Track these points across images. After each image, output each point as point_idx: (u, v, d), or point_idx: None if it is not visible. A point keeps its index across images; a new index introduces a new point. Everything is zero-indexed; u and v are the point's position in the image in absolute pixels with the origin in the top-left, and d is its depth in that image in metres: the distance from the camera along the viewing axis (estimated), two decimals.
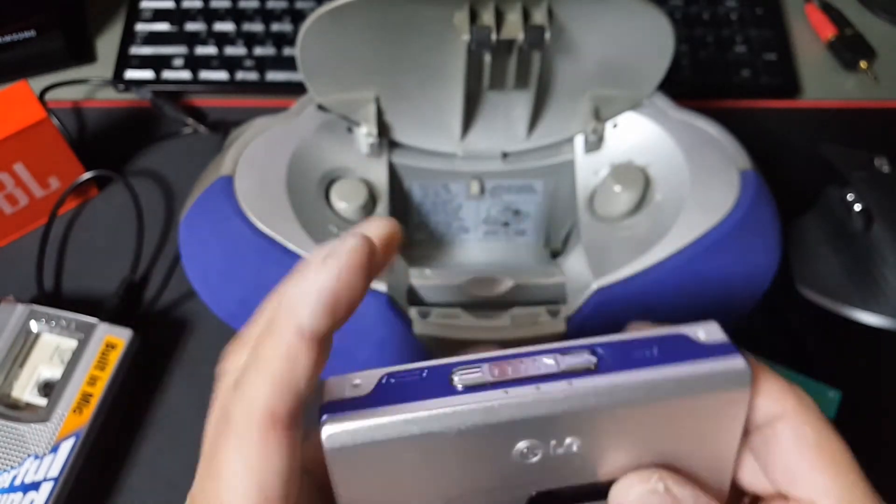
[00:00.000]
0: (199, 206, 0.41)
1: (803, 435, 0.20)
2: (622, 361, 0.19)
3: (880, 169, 0.46)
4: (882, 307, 0.44)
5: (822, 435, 0.20)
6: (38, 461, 0.38)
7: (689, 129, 0.43)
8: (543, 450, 0.19)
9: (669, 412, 0.19)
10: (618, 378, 0.19)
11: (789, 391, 0.21)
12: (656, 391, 0.19)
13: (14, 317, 0.42)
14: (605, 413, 0.19)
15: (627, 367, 0.19)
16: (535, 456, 0.19)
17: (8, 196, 0.47)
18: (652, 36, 0.40)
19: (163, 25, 0.57)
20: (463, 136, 0.44)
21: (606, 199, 0.43)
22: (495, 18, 0.38)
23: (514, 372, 0.19)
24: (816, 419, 0.21)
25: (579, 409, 0.19)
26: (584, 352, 0.19)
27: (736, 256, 0.40)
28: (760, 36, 0.57)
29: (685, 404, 0.19)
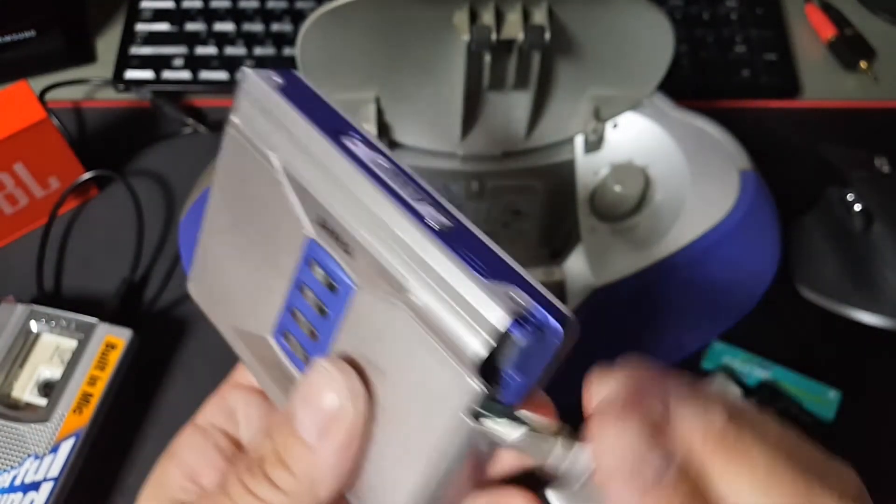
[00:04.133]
0: (199, 206, 0.41)
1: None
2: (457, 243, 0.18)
3: (880, 169, 0.46)
4: (882, 307, 0.44)
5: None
6: (38, 461, 0.38)
7: (689, 129, 0.43)
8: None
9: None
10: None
11: (623, 450, 0.17)
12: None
13: (14, 317, 0.42)
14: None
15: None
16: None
17: (8, 196, 0.47)
18: (652, 36, 0.40)
19: (163, 25, 0.57)
20: (463, 136, 0.44)
21: (606, 199, 0.43)
22: (495, 18, 0.38)
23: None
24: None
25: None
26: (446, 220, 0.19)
27: (736, 256, 0.40)
28: (760, 36, 0.57)
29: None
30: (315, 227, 0.20)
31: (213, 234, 0.24)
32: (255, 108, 0.21)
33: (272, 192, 0.21)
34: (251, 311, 0.23)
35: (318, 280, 0.20)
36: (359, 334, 0.20)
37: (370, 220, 0.19)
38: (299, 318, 0.21)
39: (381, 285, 0.19)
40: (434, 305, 0.18)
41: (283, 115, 0.21)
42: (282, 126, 0.21)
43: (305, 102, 0.21)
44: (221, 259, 0.24)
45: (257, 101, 0.21)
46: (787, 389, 0.42)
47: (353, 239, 0.19)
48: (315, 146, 0.20)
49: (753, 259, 0.41)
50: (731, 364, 0.42)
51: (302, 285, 0.21)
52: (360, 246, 0.19)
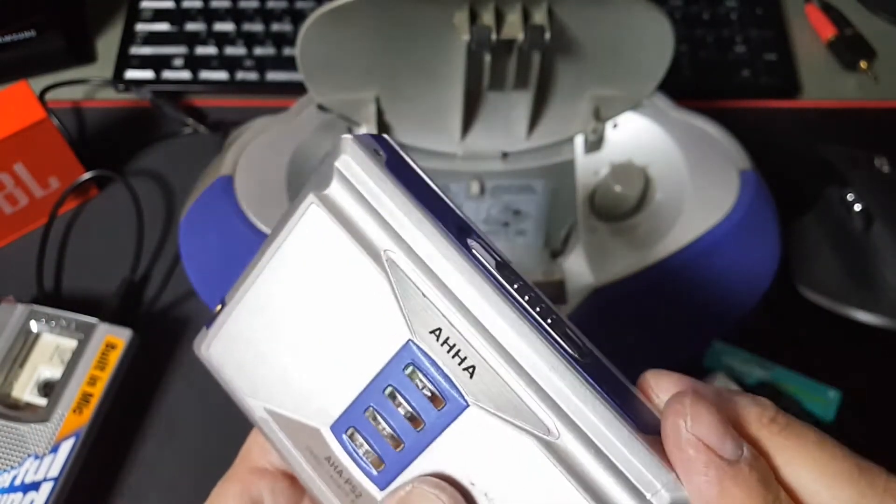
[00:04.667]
0: (199, 206, 0.41)
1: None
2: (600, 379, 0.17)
3: (880, 169, 0.46)
4: (882, 307, 0.44)
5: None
6: (38, 461, 0.38)
7: (689, 129, 0.43)
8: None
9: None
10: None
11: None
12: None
13: (14, 317, 0.42)
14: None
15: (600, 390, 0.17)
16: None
17: (8, 196, 0.47)
18: (652, 36, 0.40)
19: (163, 25, 0.57)
20: (463, 136, 0.44)
21: (606, 199, 0.43)
22: (495, 18, 0.38)
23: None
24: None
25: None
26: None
27: (736, 256, 0.40)
28: (760, 36, 0.57)
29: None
30: (423, 333, 0.18)
31: (258, 307, 0.20)
32: (358, 188, 0.18)
33: (365, 286, 0.19)
34: (302, 400, 0.21)
35: (416, 388, 0.18)
36: (462, 454, 0.18)
37: (508, 345, 0.17)
38: (379, 422, 0.19)
39: (511, 416, 0.17)
40: (583, 455, 0.17)
41: (396, 203, 0.18)
42: (394, 216, 0.18)
43: (413, 185, 0.18)
44: (265, 336, 0.21)
45: (362, 182, 0.18)
46: (787, 389, 0.42)
47: (480, 361, 0.17)
48: (439, 250, 0.18)
49: (753, 259, 0.41)
50: (731, 364, 0.42)
51: (391, 389, 0.19)
52: (491, 371, 0.17)
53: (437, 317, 0.18)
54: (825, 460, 0.17)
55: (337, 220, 0.18)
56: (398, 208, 0.18)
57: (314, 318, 0.20)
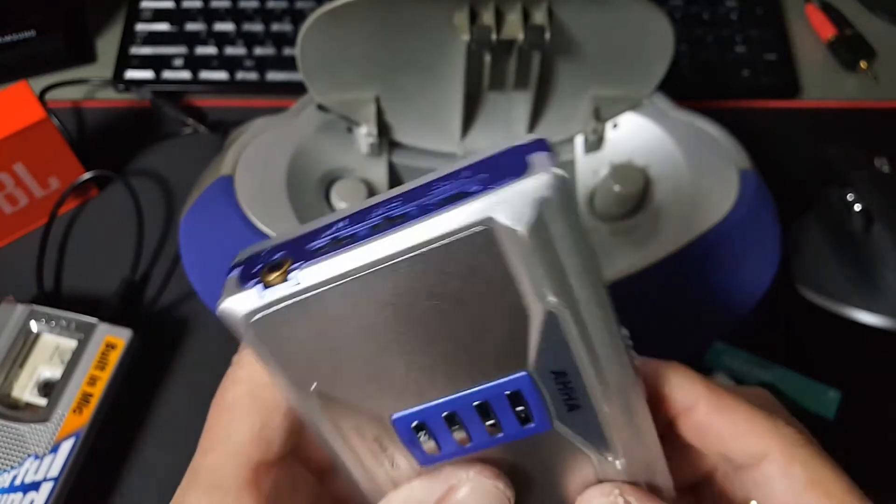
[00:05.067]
0: (199, 206, 0.41)
1: (792, 475, 0.19)
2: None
3: (880, 169, 0.46)
4: (882, 307, 0.44)
5: (813, 471, 0.19)
6: (38, 461, 0.38)
7: (689, 129, 0.43)
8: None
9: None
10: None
11: (772, 428, 0.20)
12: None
13: (14, 317, 0.42)
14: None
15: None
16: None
17: (8, 196, 0.47)
18: (652, 36, 0.40)
19: (163, 25, 0.57)
20: (463, 136, 0.44)
21: (606, 199, 0.43)
22: (495, 18, 0.38)
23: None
24: (805, 454, 0.20)
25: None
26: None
27: (735, 256, 0.40)
28: (760, 36, 0.57)
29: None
30: (545, 372, 0.19)
31: (356, 295, 0.18)
32: (552, 233, 0.17)
33: (507, 316, 0.18)
34: (371, 392, 0.20)
35: (510, 409, 0.19)
36: (522, 457, 0.20)
37: (623, 406, 0.19)
38: (456, 426, 0.20)
39: (586, 447, 0.20)
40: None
41: (583, 265, 0.18)
42: (577, 276, 0.18)
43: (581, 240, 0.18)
44: (351, 327, 0.19)
45: (560, 233, 0.17)
46: (787, 389, 0.42)
47: (590, 407, 0.19)
48: (600, 325, 0.19)
49: (753, 259, 0.41)
50: (731, 364, 0.42)
51: (485, 404, 0.19)
52: (595, 416, 0.19)
53: (571, 367, 0.19)
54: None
55: (512, 253, 0.17)
56: (584, 270, 0.18)
57: (425, 324, 0.18)
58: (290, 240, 0.19)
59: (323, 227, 0.18)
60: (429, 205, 0.17)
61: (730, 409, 0.20)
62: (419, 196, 0.17)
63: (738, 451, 0.20)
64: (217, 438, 0.20)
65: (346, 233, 0.18)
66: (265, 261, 0.18)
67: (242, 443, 0.20)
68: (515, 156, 0.17)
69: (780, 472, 0.20)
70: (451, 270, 0.17)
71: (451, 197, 0.17)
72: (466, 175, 0.17)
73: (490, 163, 0.18)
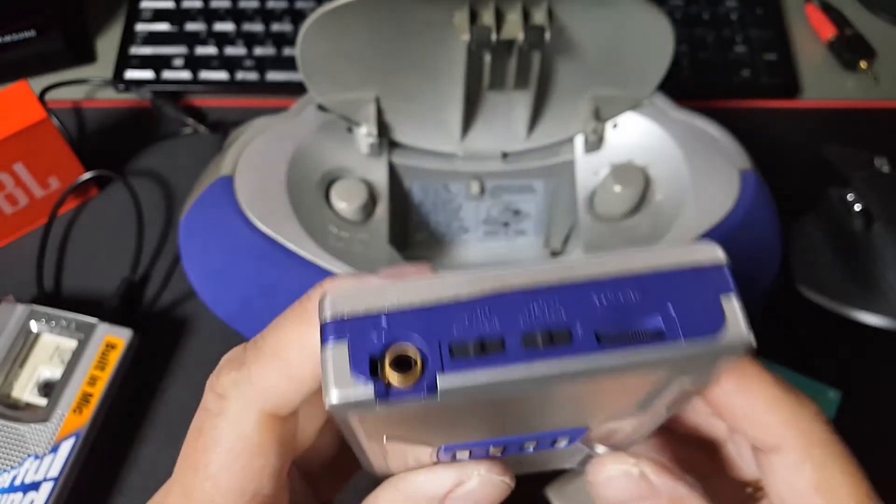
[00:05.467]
0: (199, 206, 0.41)
1: (802, 474, 0.19)
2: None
3: (880, 169, 0.46)
4: (882, 307, 0.44)
5: (826, 475, 0.19)
6: (38, 461, 0.38)
7: (689, 129, 0.43)
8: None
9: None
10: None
11: (792, 422, 0.19)
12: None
13: (14, 317, 0.42)
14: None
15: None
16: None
17: (8, 196, 0.47)
18: (652, 36, 0.40)
19: (163, 25, 0.57)
20: (463, 136, 0.44)
21: (606, 199, 0.43)
22: (495, 18, 0.38)
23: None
24: (822, 455, 0.19)
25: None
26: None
27: (736, 256, 0.40)
28: (760, 36, 0.57)
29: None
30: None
31: (488, 398, 0.16)
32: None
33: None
34: (441, 435, 0.18)
35: (553, 442, 0.20)
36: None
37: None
38: (500, 446, 0.19)
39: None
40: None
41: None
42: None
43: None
44: (461, 412, 0.17)
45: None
46: None
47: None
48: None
49: (753, 259, 0.41)
50: None
51: (534, 443, 0.20)
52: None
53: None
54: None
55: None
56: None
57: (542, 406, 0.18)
58: (415, 311, 0.15)
59: (454, 305, 0.15)
60: (604, 332, 0.15)
61: (752, 393, 0.19)
62: (580, 304, 0.15)
63: (752, 436, 0.19)
64: (207, 472, 0.18)
65: (491, 334, 0.15)
66: (385, 342, 0.15)
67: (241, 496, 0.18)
68: (703, 289, 0.16)
69: (789, 468, 0.19)
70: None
71: (633, 335, 0.15)
72: (638, 291, 0.16)
73: (672, 285, 0.16)
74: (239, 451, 0.18)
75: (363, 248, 0.41)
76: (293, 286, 0.39)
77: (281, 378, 0.17)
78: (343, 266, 0.39)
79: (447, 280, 0.16)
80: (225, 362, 0.19)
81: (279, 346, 0.18)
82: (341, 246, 0.41)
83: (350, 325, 0.15)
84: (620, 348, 0.15)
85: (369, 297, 0.15)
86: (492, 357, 0.15)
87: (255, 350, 0.18)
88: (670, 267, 0.16)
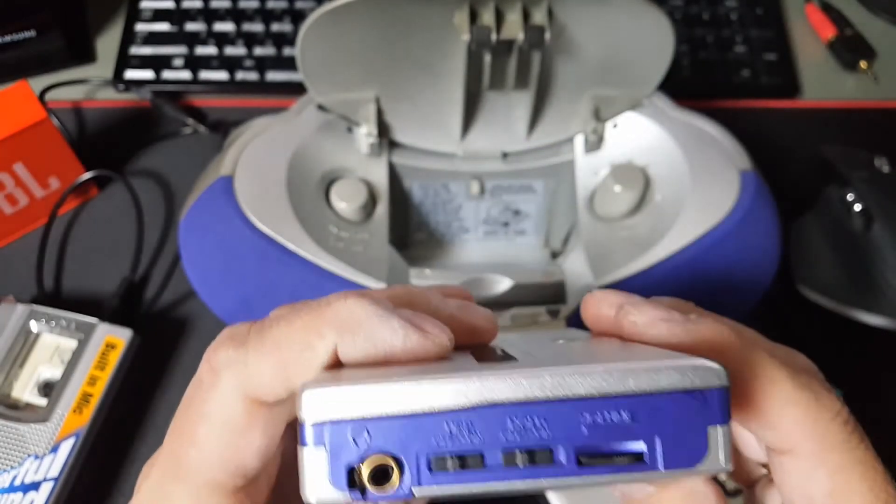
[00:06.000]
0: (199, 206, 0.41)
1: (816, 479, 0.18)
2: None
3: (880, 169, 0.46)
4: (882, 307, 0.44)
5: (842, 481, 0.18)
6: (38, 461, 0.38)
7: (689, 129, 0.43)
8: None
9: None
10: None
11: (808, 424, 0.18)
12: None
13: (14, 317, 0.42)
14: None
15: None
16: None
17: (8, 196, 0.47)
18: (652, 36, 0.40)
19: (163, 25, 0.57)
20: (463, 136, 0.44)
21: (606, 199, 0.43)
22: (495, 18, 0.38)
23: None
24: (839, 461, 0.18)
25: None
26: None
27: (736, 256, 0.40)
28: (760, 36, 0.57)
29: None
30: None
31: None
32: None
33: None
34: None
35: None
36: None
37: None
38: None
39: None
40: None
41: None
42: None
43: None
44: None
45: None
46: None
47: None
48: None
49: (753, 259, 0.41)
50: None
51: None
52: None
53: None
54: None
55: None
56: None
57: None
58: (396, 419, 0.15)
59: (437, 415, 0.15)
60: (585, 454, 0.15)
61: (762, 391, 0.18)
62: (565, 424, 0.15)
63: (763, 437, 0.18)
64: (194, 441, 0.19)
65: (471, 450, 0.15)
66: (364, 454, 0.15)
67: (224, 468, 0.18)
68: (693, 418, 0.15)
69: (802, 472, 0.18)
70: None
71: (614, 458, 0.15)
72: (628, 413, 0.15)
73: (663, 410, 0.15)
74: (225, 428, 0.18)
75: (363, 247, 0.41)
76: (293, 286, 0.39)
77: (275, 373, 0.17)
78: (343, 266, 0.39)
79: (433, 385, 0.15)
80: (226, 337, 0.19)
81: (282, 342, 0.18)
82: (341, 246, 0.41)
83: (330, 431, 0.15)
84: (600, 472, 0.15)
85: (352, 401, 0.15)
86: (471, 473, 0.15)
87: (258, 336, 0.18)
88: (665, 388, 0.15)
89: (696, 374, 0.15)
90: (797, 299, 0.46)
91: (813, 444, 0.18)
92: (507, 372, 0.15)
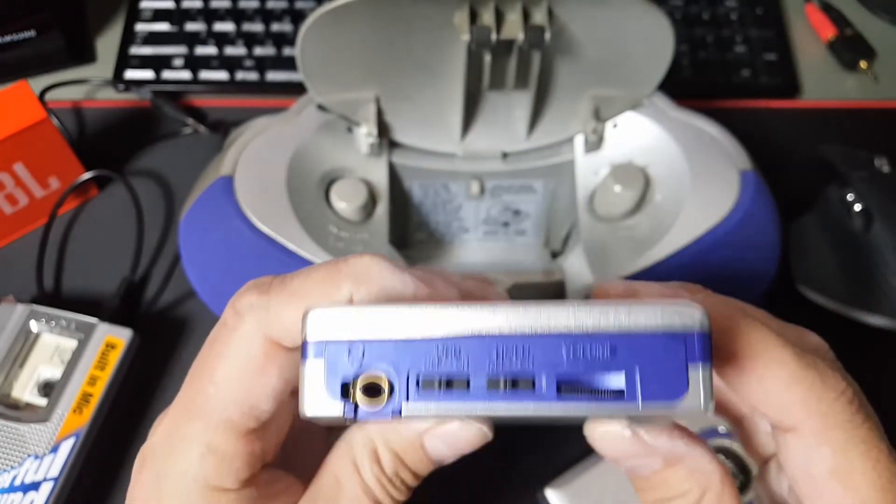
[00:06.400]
0: (199, 206, 0.41)
1: (818, 457, 0.18)
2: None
3: (880, 169, 0.46)
4: (882, 307, 0.44)
5: (844, 460, 0.18)
6: (38, 461, 0.38)
7: (689, 129, 0.43)
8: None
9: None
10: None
11: (811, 403, 0.18)
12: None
13: (14, 317, 0.42)
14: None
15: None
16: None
17: (8, 196, 0.47)
18: (652, 36, 0.40)
19: (163, 25, 0.57)
20: (463, 136, 0.44)
21: (606, 199, 0.43)
22: (495, 18, 0.38)
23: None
24: (843, 439, 0.18)
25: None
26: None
27: (736, 256, 0.40)
28: (760, 36, 0.57)
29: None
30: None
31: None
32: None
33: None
34: None
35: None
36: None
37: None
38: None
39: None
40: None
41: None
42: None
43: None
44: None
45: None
46: None
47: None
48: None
49: (753, 259, 0.41)
50: None
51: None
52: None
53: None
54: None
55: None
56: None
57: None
58: (391, 342, 0.17)
59: (430, 341, 0.16)
60: (566, 383, 0.16)
61: (767, 369, 0.18)
62: (549, 354, 0.16)
63: (767, 415, 0.19)
64: (213, 379, 0.20)
65: (458, 373, 0.16)
66: (358, 370, 0.16)
67: (238, 407, 0.20)
68: (674, 355, 0.16)
69: (805, 450, 0.18)
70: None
71: (594, 390, 0.16)
72: (609, 349, 0.16)
73: (644, 348, 0.16)
74: (243, 367, 0.20)
75: (363, 247, 0.41)
76: None
77: (295, 316, 0.19)
78: None
79: (429, 313, 0.17)
80: (251, 285, 0.21)
81: (303, 290, 0.19)
82: (341, 246, 0.41)
83: (329, 348, 0.17)
84: (578, 401, 0.16)
85: (352, 324, 0.17)
86: (456, 393, 0.16)
87: (280, 285, 0.20)
88: (647, 328, 0.16)
89: (677, 313, 0.16)
90: (797, 299, 0.46)
91: (816, 423, 0.18)
92: (497, 306, 0.16)
